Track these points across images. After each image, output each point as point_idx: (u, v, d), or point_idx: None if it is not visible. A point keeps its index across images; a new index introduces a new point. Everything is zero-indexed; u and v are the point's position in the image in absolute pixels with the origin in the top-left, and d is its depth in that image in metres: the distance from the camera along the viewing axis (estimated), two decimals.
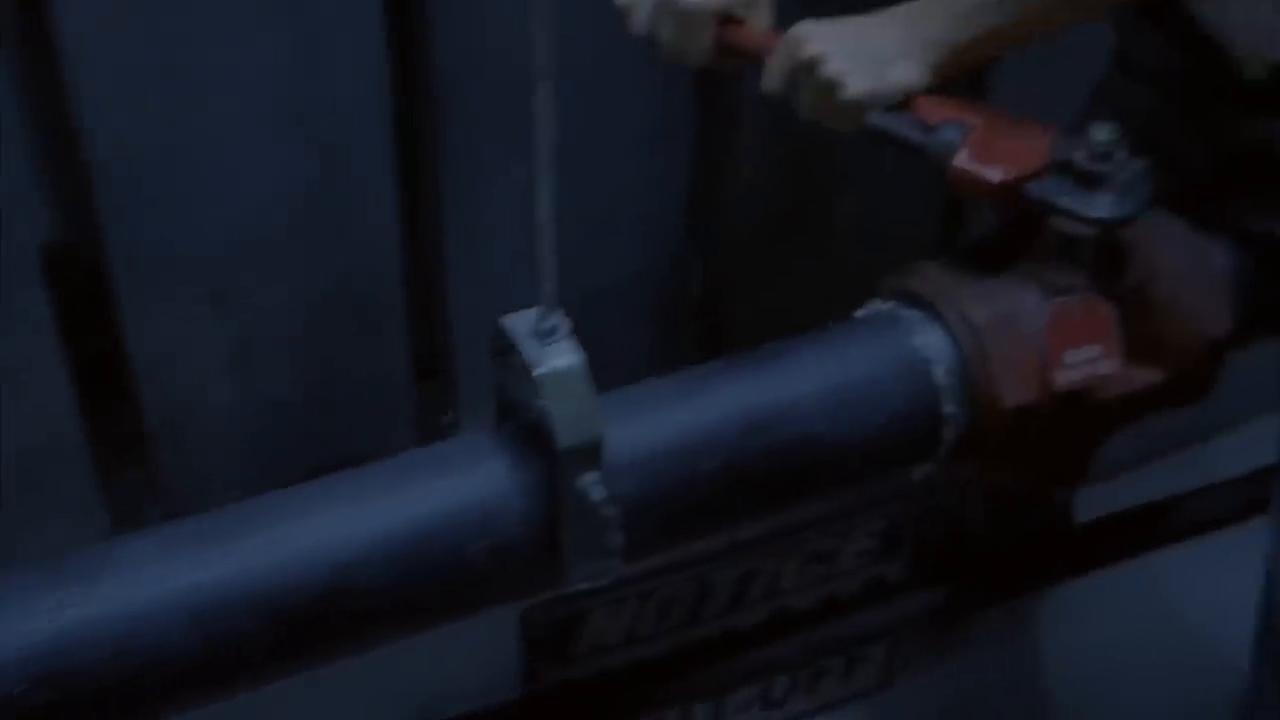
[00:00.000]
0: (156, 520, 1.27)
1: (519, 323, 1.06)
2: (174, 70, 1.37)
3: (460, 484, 1.08)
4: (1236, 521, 1.70)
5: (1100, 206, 1.15)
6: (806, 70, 1.23)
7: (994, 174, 1.17)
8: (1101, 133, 1.16)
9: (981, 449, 1.22)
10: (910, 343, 1.20)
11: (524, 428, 1.08)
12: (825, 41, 1.23)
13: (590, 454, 1.04)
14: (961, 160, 1.17)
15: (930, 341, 1.20)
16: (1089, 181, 1.15)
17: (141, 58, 1.35)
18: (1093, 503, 1.77)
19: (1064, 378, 1.19)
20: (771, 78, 1.26)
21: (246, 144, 1.44)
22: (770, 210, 1.77)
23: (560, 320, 1.05)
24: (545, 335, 1.04)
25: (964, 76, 1.25)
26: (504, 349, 1.07)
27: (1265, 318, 1.35)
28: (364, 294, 1.60)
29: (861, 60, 1.21)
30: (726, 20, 1.31)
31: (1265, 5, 1.23)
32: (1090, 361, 1.19)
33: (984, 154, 1.18)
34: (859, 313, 1.25)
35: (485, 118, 1.52)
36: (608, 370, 1.20)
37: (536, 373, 1.03)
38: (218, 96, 1.40)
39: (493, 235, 1.58)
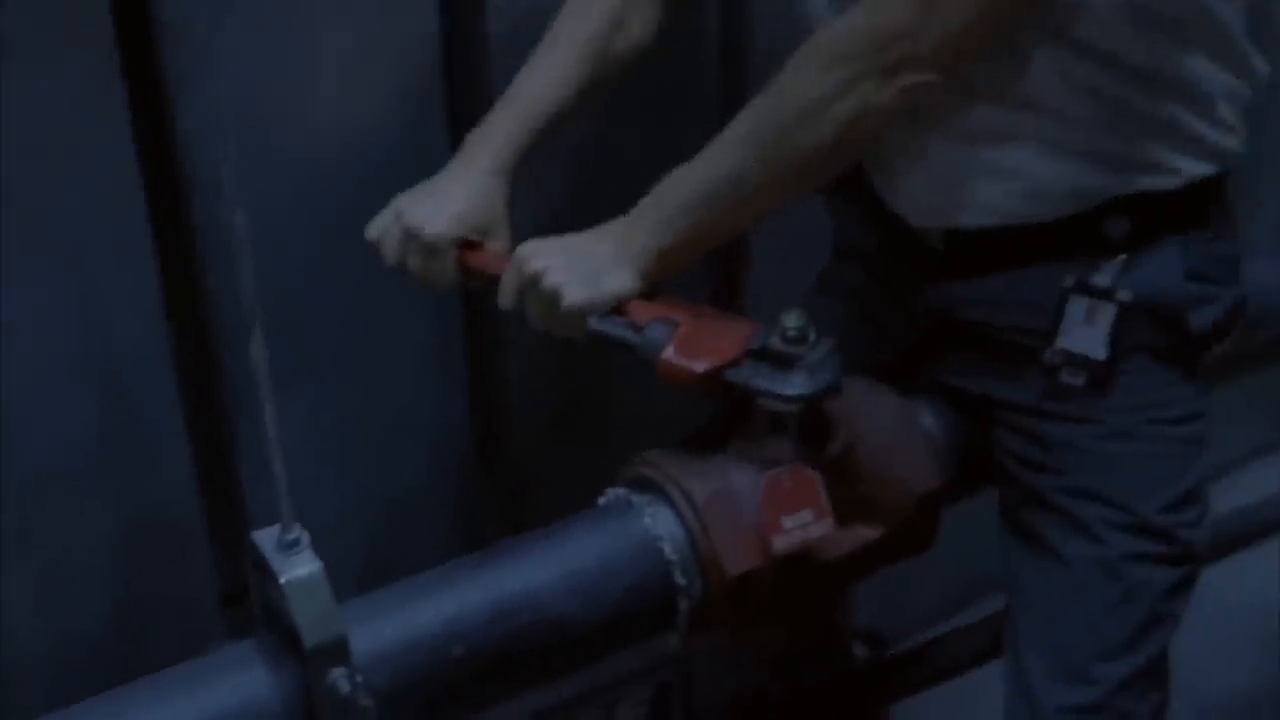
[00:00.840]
0: None
1: (266, 538, 1.16)
2: None
3: (223, 693, 1.17)
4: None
5: (794, 385, 1.28)
6: (531, 284, 1.36)
7: (698, 365, 1.30)
8: (791, 319, 1.30)
9: (717, 616, 1.33)
10: (642, 523, 1.32)
11: (279, 633, 1.17)
12: (546, 257, 1.37)
13: (337, 651, 1.14)
14: (668, 355, 1.31)
15: (659, 521, 1.32)
16: (782, 363, 1.29)
17: None
18: None
19: (781, 543, 1.31)
20: (504, 294, 1.39)
21: (36, 385, 1.53)
22: (549, 410, 1.90)
23: (301, 533, 1.15)
24: (289, 547, 1.15)
25: (678, 274, 1.39)
26: (258, 562, 1.17)
27: (976, 468, 1.49)
28: (165, 523, 1.69)
29: (578, 272, 1.35)
30: (466, 246, 1.45)
31: (933, 181, 1.39)
32: (804, 526, 1.31)
33: (688, 348, 1.31)
34: (599, 501, 1.37)
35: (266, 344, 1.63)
36: (414, 573, 1.29)
37: (282, 580, 1.13)
38: (5, 341, 1.49)
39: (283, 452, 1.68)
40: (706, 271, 1.86)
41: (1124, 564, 1.39)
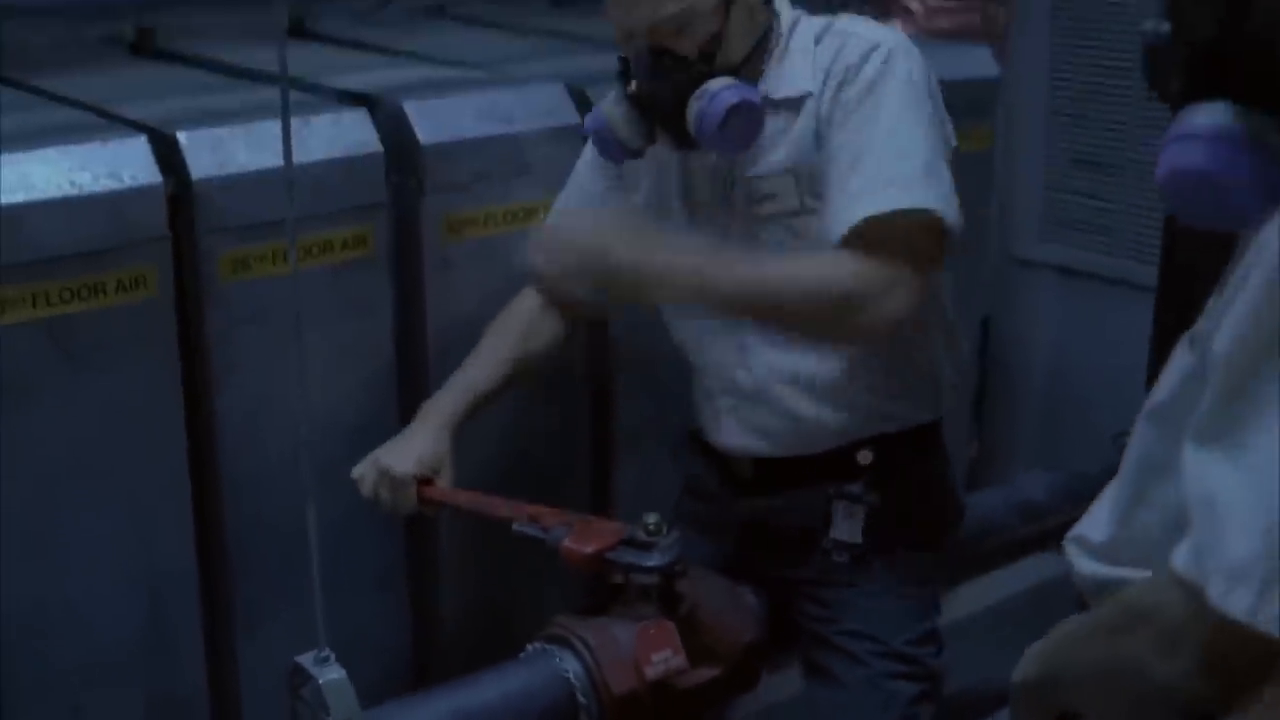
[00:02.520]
0: None
1: (305, 658, 1.73)
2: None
3: None
4: None
5: (653, 560, 1.90)
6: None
7: (588, 549, 1.91)
8: (651, 519, 1.92)
9: None
10: (554, 663, 1.91)
11: None
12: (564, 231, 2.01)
13: None
14: (567, 544, 1.92)
15: (566, 661, 1.91)
16: (644, 548, 1.91)
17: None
18: None
19: (650, 672, 1.90)
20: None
21: (90, 591, 2.05)
22: (484, 620, 2.45)
23: (330, 653, 1.72)
24: (322, 662, 1.72)
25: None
26: (298, 672, 1.73)
27: (782, 628, 2.11)
28: (181, 705, 2.20)
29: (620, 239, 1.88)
30: (423, 481, 2.07)
31: (743, 426, 2.05)
32: (666, 661, 1.91)
33: (581, 540, 1.93)
34: (525, 651, 1.95)
35: (270, 576, 2.19)
36: None
37: (320, 681, 1.69)
38: (71, 555, 2.03)
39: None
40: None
41: (883, 680, 2.01)
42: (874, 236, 1.82)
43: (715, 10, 1.90)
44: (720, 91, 1.88)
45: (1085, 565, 1.34)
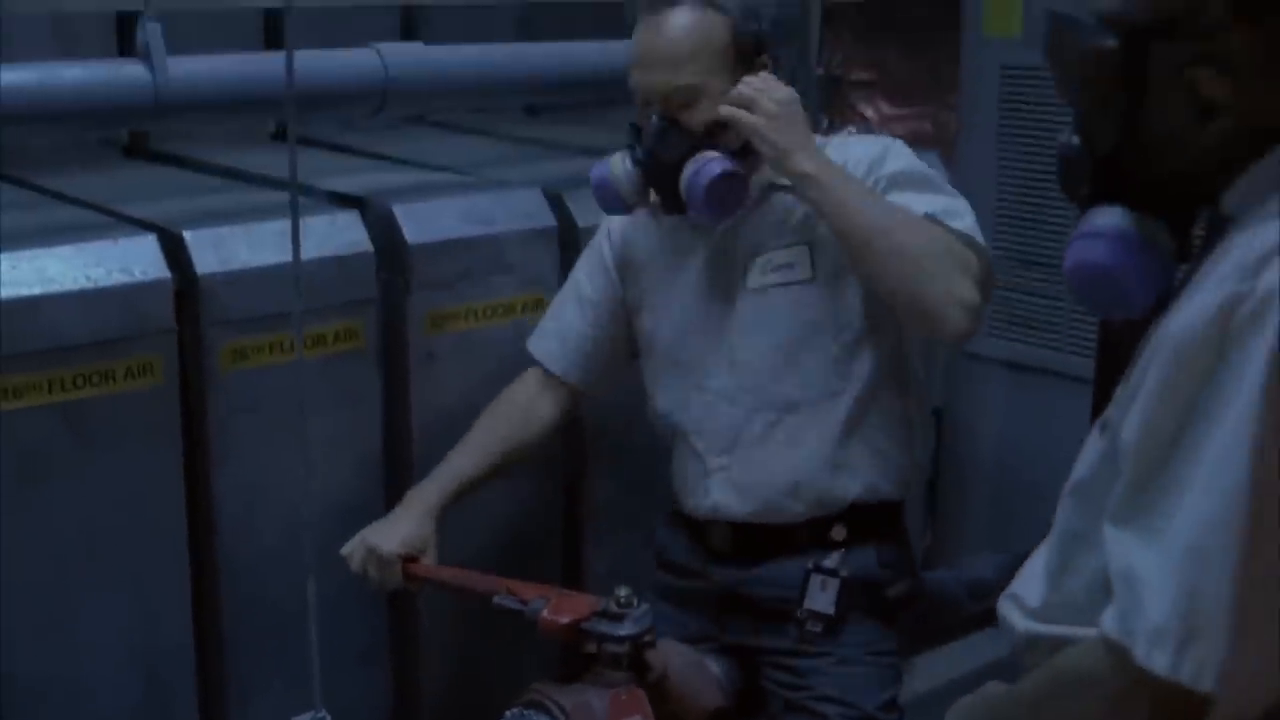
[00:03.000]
0: None
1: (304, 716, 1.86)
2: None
3: None
4: None
5: (624, 629, 2.04)
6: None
7: (564, 619, 2.05)
8: (623, 591, 2.06)
9: None
10: None
11: None
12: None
13: None
14: (544, 615, 2.06)
15: None
16: (616, 618, 2.05)
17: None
18: None
19: None
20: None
21: (96, 670, 2.18)
22: (462, 692, 2.58)
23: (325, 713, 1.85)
24: None
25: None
26: None
27: (746, 697, 2.24)
28: None
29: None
30: (408, 559, 2.21)
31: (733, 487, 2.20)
32: None
33: (557, 611, 2.06)
34: (505, 716, 2.08)
35: (263, 652, 2.31)
36: None
37: None
38: (80, 636, 2.16)
39: None
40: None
41: None
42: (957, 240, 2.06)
43: (725, 94, 2.10)
44: (708, 162, 2.08)
45: (1020, 622, 1.49)
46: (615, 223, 2.34)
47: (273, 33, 3.30)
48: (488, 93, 2.72)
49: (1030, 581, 1.51)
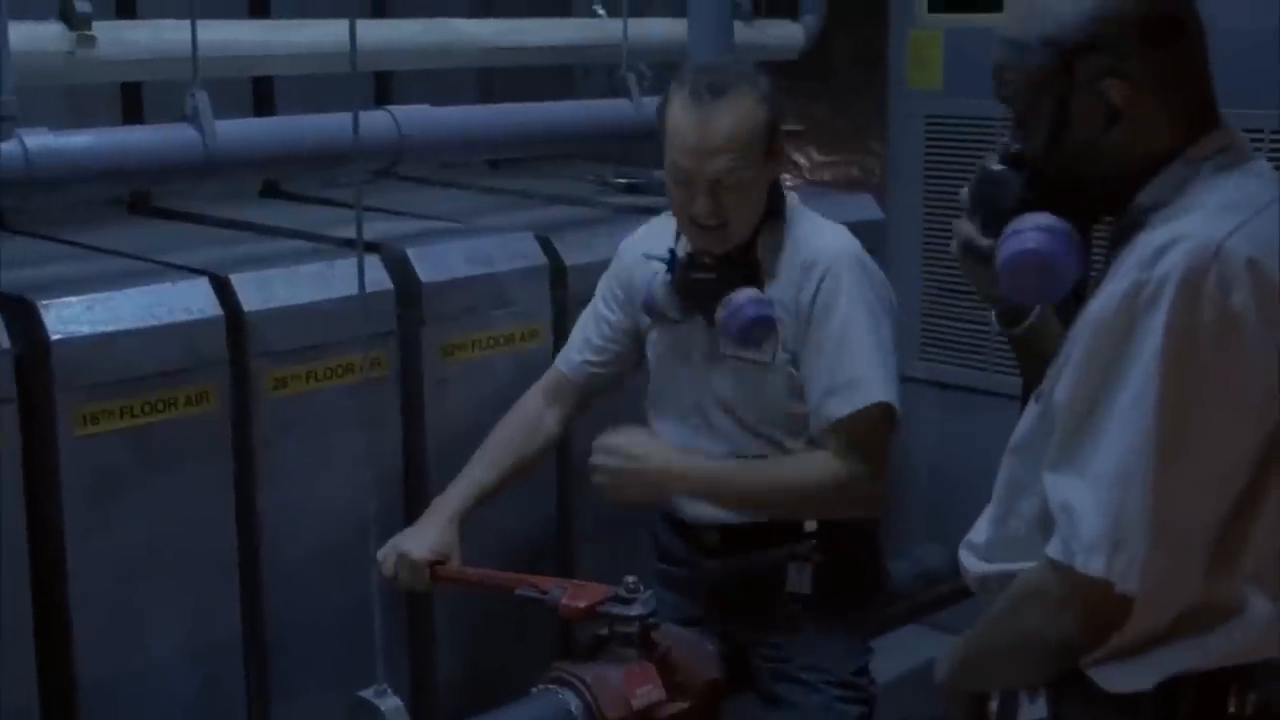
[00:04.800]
0: None
1: (367, 690, 2.13)
2: None
3: None
4: None
5: (634, 610, 2.34)
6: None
7: (581, 603, 2.35)
8: (630, 579, 2.37)
9: None
10: (558, 697, 2.33)
11: None
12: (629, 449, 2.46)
13: None
14: (565, 601, 2.36)
15: (567, 696, 2.33)
16: (626, 602, 2.35)
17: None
18: None
19: (636, 702, 2.33)
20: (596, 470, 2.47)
21: (153, 669, 2.44)
22: (473, 687, 2.84)
23: (387, 686, 2.13)
24: (382, 694, 2.12)
25: None
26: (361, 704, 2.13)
27: (737, 671, 2.55)
28: None
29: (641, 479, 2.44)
30: (435, 562, 2.49)
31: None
32: (648, 694, 2.35)
33: (575, 597, 2.37)
34: (532, 690, 2.37)
35: (305, 649, 2.58)
36: None
37: (383, 709, 2.10)
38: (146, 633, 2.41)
39: None
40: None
41: (834, 703, 2.48)
42: (844, 430, 2.39)
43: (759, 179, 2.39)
44: (743, 305, 2.37)
45: (973, 565, 1.82)
46: (628, 254, 2.62)
47: (262, 99, 3.59)
48: (484, 146, 3.02)
49: (979, 530, 1.85)
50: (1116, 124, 1.66)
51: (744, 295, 2.38)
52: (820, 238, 2.50)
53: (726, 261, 2.43)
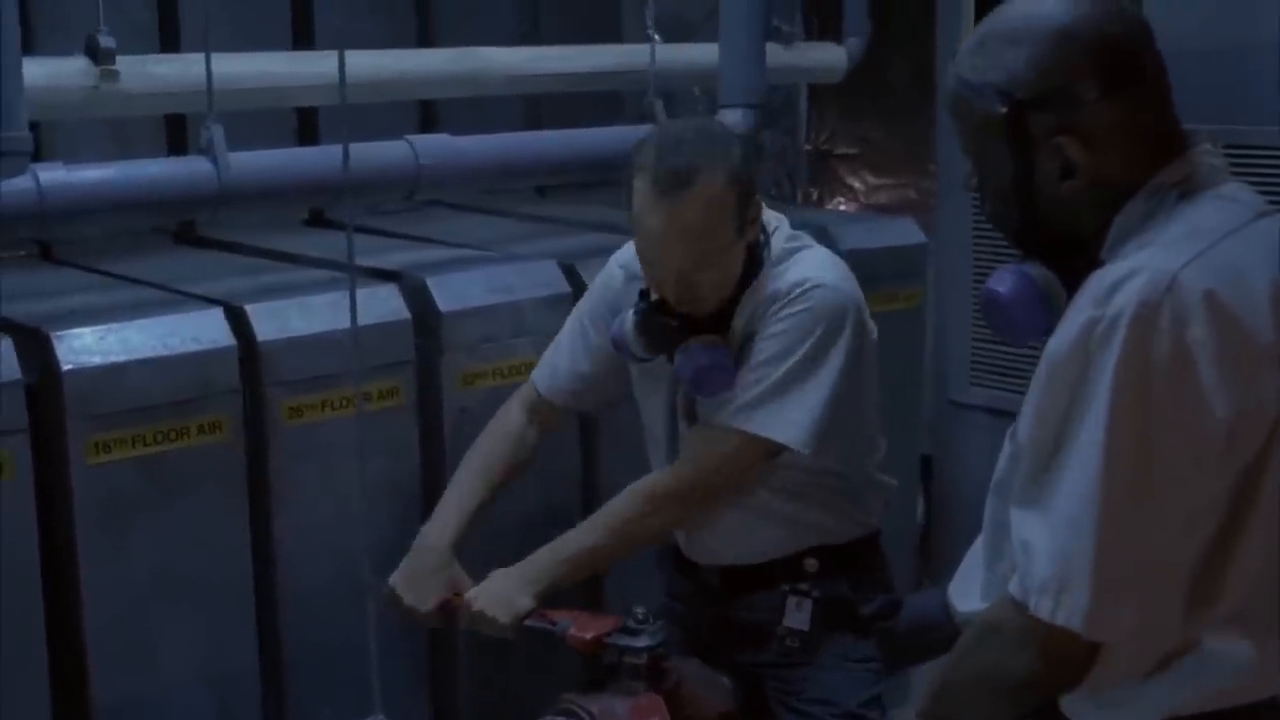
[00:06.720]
0: None
1: None
2: None
3: None
4: None
5: (641, 641, 2.32)
6: (475, 614, 2.39)
7: (589, 635, 2.33)
8: (639, 610, 2.34)
9: None
10: None
11: None
12: (481, 596, 2.39)
13: None
14: (572, 631, 2.34)
15: None
16: (635, 634, 2.33)
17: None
18: None
19: None
20: (463, 621, 2.42)
21: (171, 688, 2.47)
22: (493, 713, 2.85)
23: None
24: None
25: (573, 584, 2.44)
26: None
27: (749, 702, 2.52)
28: None
29: (499, 602, 2.37)
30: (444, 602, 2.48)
31: (715, 540, 2.48)
32: None
33: (583, 628, 2.35)
34: None
35: (319, 674, 2.59)
36: None
37: None
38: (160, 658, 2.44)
39: None
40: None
41: None
42: (714, 436, 2.38)
43: (731, 244, 2.32)
44: (697, 352, 2.33)
45: (962, 604, 1.78)
46: (619, 276, 2.58)
47: (307, 127, 3.64)
48: (504, 175, 3.02)
49: (970, 571, 1.80)
50: (1072, 177, 1.62)
51: (699, 343, 2.36)
52: (799, 276, 2.40)
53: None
